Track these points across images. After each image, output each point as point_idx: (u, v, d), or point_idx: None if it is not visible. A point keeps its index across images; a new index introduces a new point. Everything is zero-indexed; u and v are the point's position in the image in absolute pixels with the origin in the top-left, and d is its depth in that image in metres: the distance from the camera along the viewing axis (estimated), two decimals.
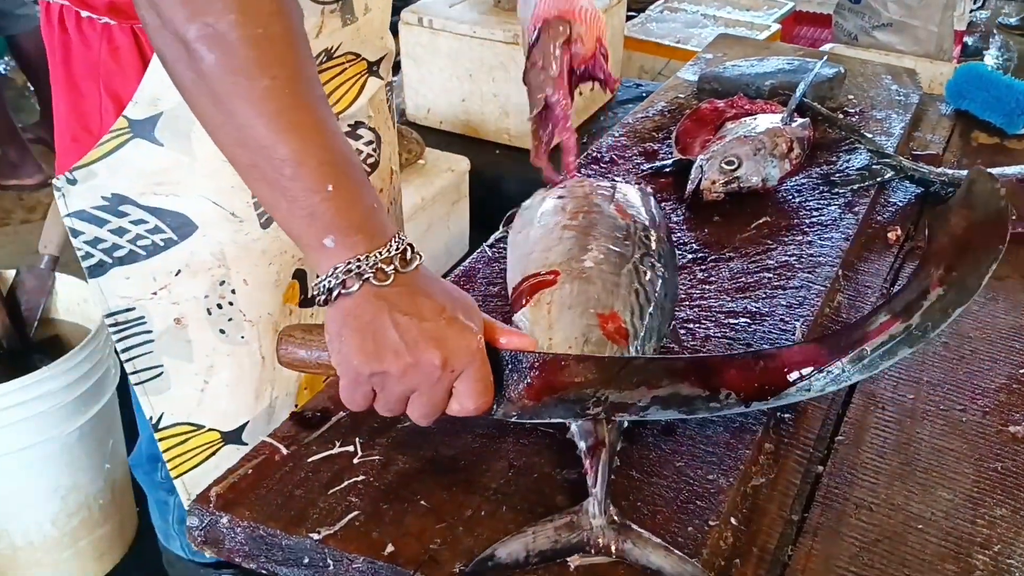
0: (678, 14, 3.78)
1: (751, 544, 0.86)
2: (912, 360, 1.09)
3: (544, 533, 0.81)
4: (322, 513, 0.85)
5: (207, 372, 1.17)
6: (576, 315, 0.92)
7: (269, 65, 0.76)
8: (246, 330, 1.15)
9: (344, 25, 1.08)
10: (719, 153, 1.32)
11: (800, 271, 1.18)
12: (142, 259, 1.10)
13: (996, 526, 0.88)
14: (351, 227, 0.80)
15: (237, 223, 1.09)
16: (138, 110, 1.03)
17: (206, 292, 1.12)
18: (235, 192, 1.07)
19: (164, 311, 1.13)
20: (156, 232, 1.09)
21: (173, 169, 1.05)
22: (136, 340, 1.15)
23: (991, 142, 1.59)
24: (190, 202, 1.07)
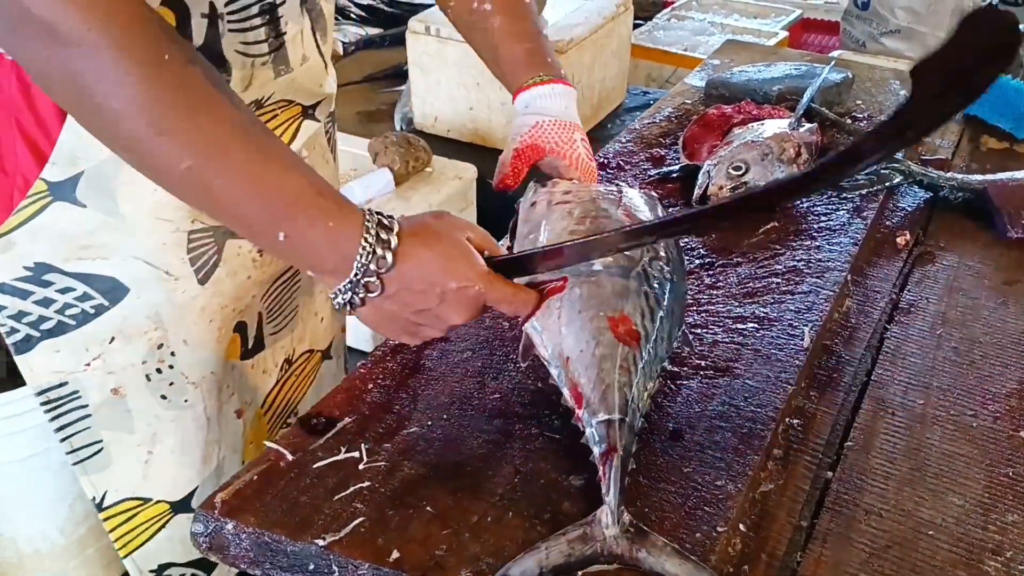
0: (685, 22, 3.78)
1: (760, 550, 0.86)
2: (922, 365, 1.08)
3: (557, 547, 0.80)
4: (327, 519, 0.84)
5: (151, 442, 1.10)
6: (586, 319, 0.92)
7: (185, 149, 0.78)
8: (189, 393, 1.10)
9: (276, 77, 1.03)
10: (726, 158, 1.31)
11: (808, 276, 1.18)
12: (72, 329, 1.02)
13: (1008, 532, 0.87)
14: (321, 264, 0.85)
15: (172, 282, 1.03)
16: (56, 171, 0.95)
17: (143, 358, 1.06)
18: (169, 249, 1.02)
19: (100, 382, 1.05)
20: (85, 299, 1.01)
21: (99, 231, 0.99)
22: (72, 417, 1.07)
23: (1000, 147, 1.58)
24: (120, 264, 1.01)
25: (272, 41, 1.00)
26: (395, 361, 1.04)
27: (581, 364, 0.89)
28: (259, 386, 1.21)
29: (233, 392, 1.16)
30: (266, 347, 1.20)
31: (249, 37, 0.97)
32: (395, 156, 2.41)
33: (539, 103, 1.13)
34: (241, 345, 1.16)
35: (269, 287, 1.16)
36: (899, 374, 1.07)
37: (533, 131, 1.12)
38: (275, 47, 1.01)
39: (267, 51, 1.00)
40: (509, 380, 1.01)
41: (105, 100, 0.75)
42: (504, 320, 1.10)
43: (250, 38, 0.97)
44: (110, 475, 1.11)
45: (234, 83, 0.97)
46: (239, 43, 0.96)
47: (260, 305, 1.16)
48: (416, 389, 1.00)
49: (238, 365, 1.16)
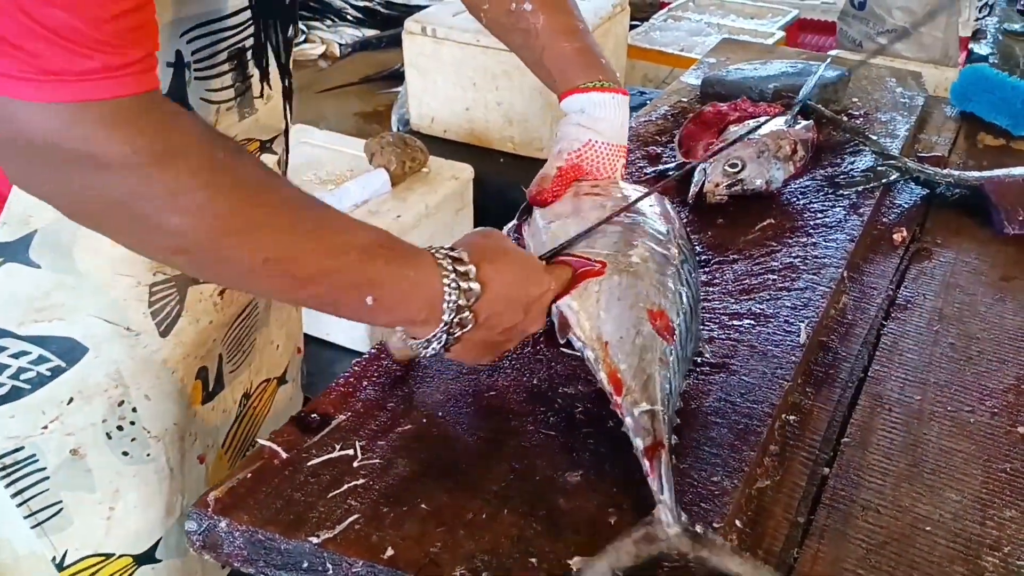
0: (682, 23, 3.78)
1: (756, 547, 0.85)
2: (919, 361, 1.08)
3: (624, 549, 0.79)
4: (321, 517, 0.84)
5: (112, 499, 1.05)
6: (626, 307, 0.91)
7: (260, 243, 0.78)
8: (151, 447, 1.05)
9: (241, 119, 1.01)
10: (722, 156, 1.31)
11: (805, 273, 1.17)
12: (27, 394, 0.96)
13: (1006, 528, 0.87)
14: (413, 316, 0.87)
15: (133, 337, 0.99)
16: (7, 231, 0.90)
17: (103, 416, 1.01)
18: (129, 304, 0.97)
19: (58, 444, 1.00)
20: (41, 362, 0.96)
21: (55, 291, 0.94)
22: (29, 481, 1.01)
23: (997, 143, 1.58)
24: (77, 324, 0.96)
25: (238, 86, 0.98)
26: (390, 359, 1.03)
27: (621, 351, 0.89)
28: (219, 427, 1.17)
29: (196, 439, 1.12)
30: (225, 386, 1.16)
31: (215, 84, 0.95)
32: (391, 156, 2.40)
33: (596, 112, 1.09)
34: (202, 390, 1.12)
35: (229, 328, 1.12)
36: (896, 370, 1.06)
37: (583, 151, 1.09)
38: (241, 91, 0.99)
39: (232, 96, 0.98)
40: (504, 377, 1.00)
41: (164, 218, 0.74)
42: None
43: (215, 84, 0.95)
44: (70, 534, 1.05)
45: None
46: (204, 90, 0.94)
47: (221, 347, 1.12)
48: (411, 386, 1.00)
49: (199, 411, 1.12)
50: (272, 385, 1.28)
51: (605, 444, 0.92)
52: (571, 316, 0.93)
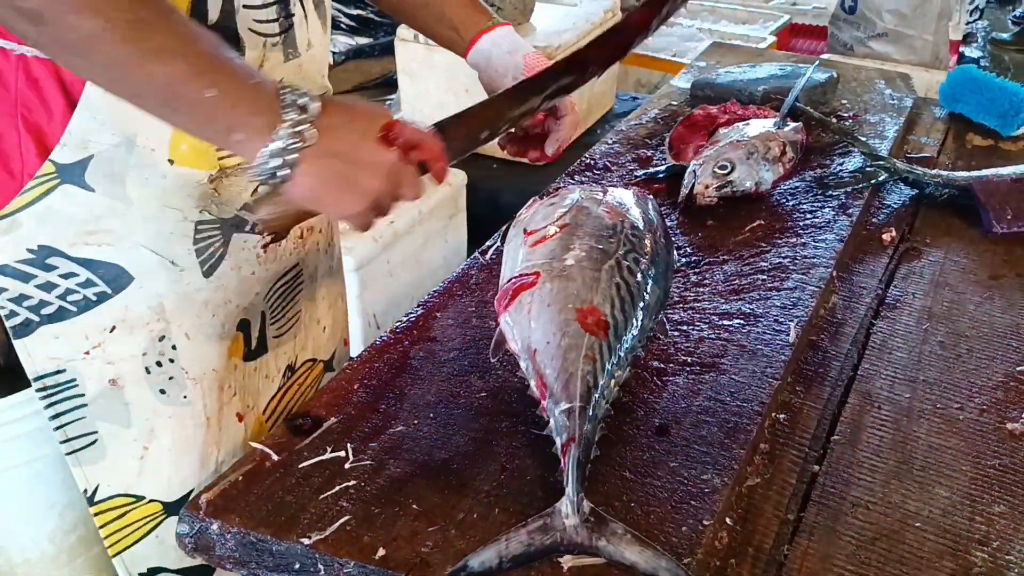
0: (674, 28, 3.79)
1: (747, 544, 0.85)
2: (908, 359, 1.08)
3: (517, 538, 0.80)
4: (313, 518, 0.84)
5: (147, 437, 1.08)
6: (555, 312, 0.93)
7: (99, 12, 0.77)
8: (189, 389, 1.07)
9: (286, 60, 1.03)
10: (712, 158, 1.32)
11: (794, 273, 1.18)
12: (72, 316, 1.00)
13: (994, 523, 0.87)
14: (249, 119, 0.83)
15: (177, 272, 1.02)
16: (66, 153, 0.94)
17: (144, 349, 1.03)
18: (175, 238, 1.00)
19: (98, 372, 1.03)
20: (88, 286, 0.99)
21: (107, 216, 0.97)
22: (67, 405, 1.04)
23: (986, 144, 1.59)
24: (125, 252, 0.99)
25: (283, 21, 1.00)
26: (381, 361, 1.04)
27: (547, 355, 0.90)
28: (261, 390, 1.19)
29: (235, 393, 1.14)
30: (269, 350, 1.18)
31: (262, 15, 0.97)
32: None
33: (511, 40, 1.17)
34: (244, 344, 1.14)
35: (272, 285, 1.15)
36: (885, 369, 1.07)
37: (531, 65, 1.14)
38: (285, 28, 1.01)
39: (278, 31, 1.00)
40: (495, 379, 1.01)
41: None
42: (491, 321, 1.10)
43: (262, 16, 0.97)
44: (103, 468, 1.08)
45: (248, 63, 0.96)
46: (252, 20, 0.97)
47: (263, 304, 1.14)
48: (402, 388, 1.00)
49: (240, 366, 1.14)
50: (318, 368, 1.29)
51: (597, 443, 0.92)
52: (507, 331, 0.95)
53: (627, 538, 0.80)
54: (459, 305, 1.13)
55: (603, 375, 0.89)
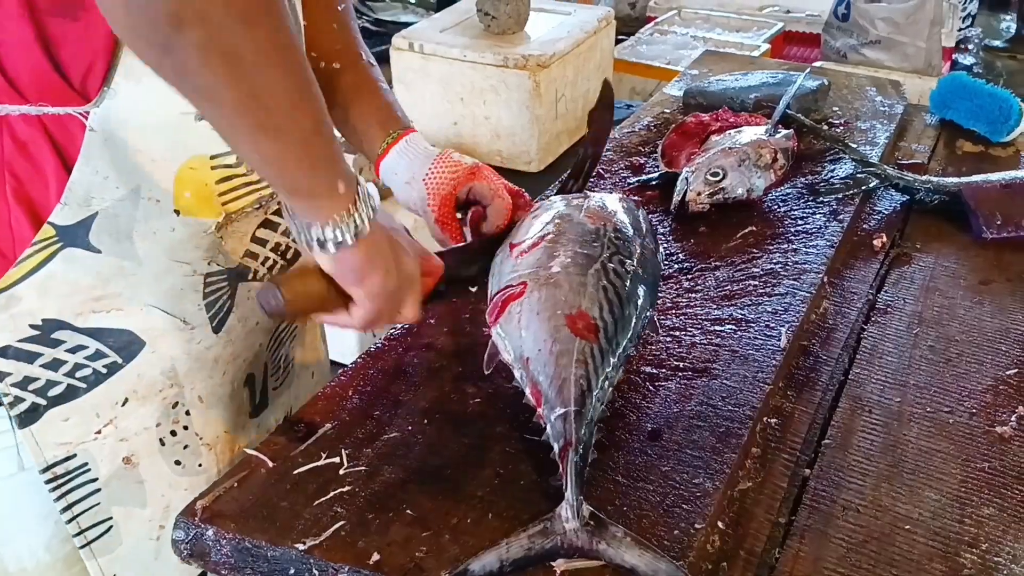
0: (668, 36, 3.81)
1: (738, 547, 0.86)
2: (899, 364, 1.09)
3: (518, 543, 0.81)
4: (307, 524, 0.85)
5: (163, 516, 1.03)
6: (544, 319, 0.93)
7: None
8: (203, 456, 1.04)
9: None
10: (704, 165, 1.33)
11: (786, 278, 1.19)
12: (83, 393, 0.95)
13: (984, 525, 0.88)
14: (347, 172, 0.83)
15: (189, 331, 0.99)
16: (67, 213, 0.88)
17: (158, 419, 1.00)
18: (185, 295, 0.97)
19: (111, 451, 0.98)
20: (97, 358, 0.94)
21: (114, 278, 0.92)
22: (80, 493, 0.98)
23: (976, 150, 1.60)
24: (135, 315, 0.95)
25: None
26: (376, 368, 1.05)
27: (540, 363, 0.91)
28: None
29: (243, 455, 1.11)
30: (269, 404, 1.15)
31: None
32: None
33: (407, 163, 1.12)
34: (249, 401, 1.11)
35: (273, 335, 1.13)
36: (876, 373, 1.08)
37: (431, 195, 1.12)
38: None
39: None
40: (489, 385, 1.01)
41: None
42: (484, 328, 1.10)
43: None
44: (119, 556, 1.03)
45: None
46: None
47: (266, 355, 1.12)
48: (397, 395, 1.01)
49: (249, 423, 1.11)
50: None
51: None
52: (498, 342, 0.96)
53: (627, 541, 0.80)
54: (453, 312, 1.14)
55: (596, 378, 0.89)
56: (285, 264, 1.10)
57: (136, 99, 0.89)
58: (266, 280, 0.96)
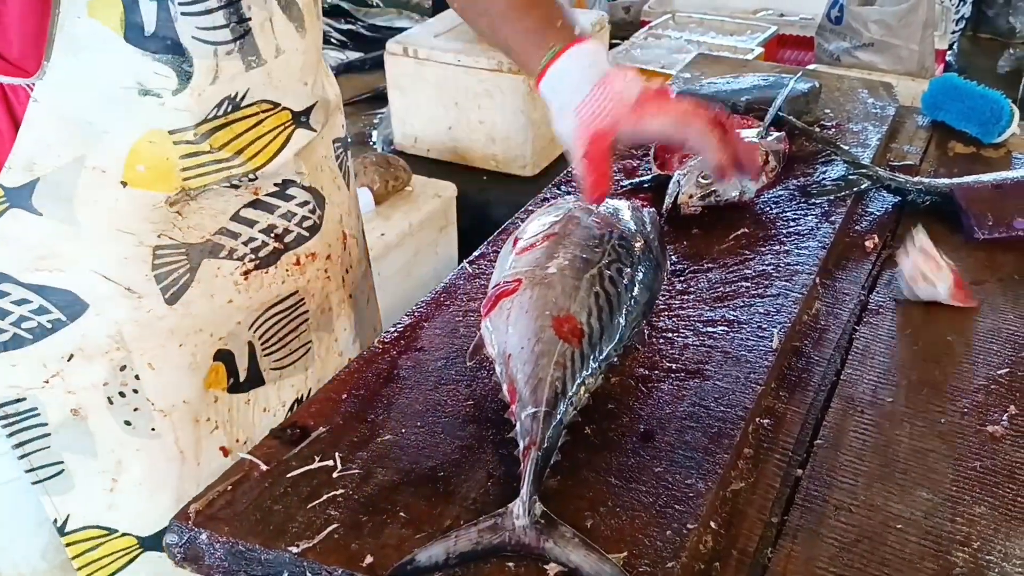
0: (662, 40, 3.82)
1: (731, 547, 0.86)
2: (891, 364, 1.09)
3: (466, 536, 0.82)
4: (301, 527, 0.85)
5: (115, 470, 1.04)
6: (532, 318, 0.94)
7: None
8: (157, 421, 1.03)
9: (248, 68, 0.97)
10: (696, 168, 1.33)
11: (778, 280, 1.19)
12: (28, 344, 0.97)
13: (975, 524, 0.89)
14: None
15: (135, 299, 0.98)
16: (13, 176, 0.92)
17: (105, 379, 1.00)
18: (130, 264, 0.97)
19: (59, 401, 1.00)
20: (42, 313, 0.96)
21: (56, 241, 0.94)
22: (30, 434, 1.01)
23: (967, 151, 1.61)
24: (78, 277, 0.96)
25: (235, 27, 0.94)
26: (370, 371, 1.05)
27: (520, 360, 0.91)
28: (257, 424, 1.14)
29: (216, 426, 1.10)
30: (266, 382, 1.14)
31: (206, 22, 0.92)
32: (374, 176, 2.43)
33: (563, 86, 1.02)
34: (228, 376, 1.09)
35: (260, 315, 1.10)
36: (868, 373, 1.08)
37: (582, 128, 1.01)
38: (239, 34, 0.95)
39: (231, 38, 0.94)
40: (482, 387, 1.02)
41: None
42: (476, 329, 1.11)
43: (206, 23, 0.92)
44: (73, 498, 1.05)
45: (199, 75, 0.93)
46: (196, 28, 0.92)
47: (249, 334, 1.10)
48: (390, 398, 1.01)
49: (224, 397, 1.10)
50: None
51: (582, 449, 0.93)
52: (485, 336, 0.97)
53: (574, 541, 0.81)
54: (446, 315, 1.14)
55: (572, 382, 0.90)
56: (280, 246, 1.09)
57: (76, 73, 0.91)
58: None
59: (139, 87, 0.93)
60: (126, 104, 0.93)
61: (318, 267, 1.15)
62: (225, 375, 1.09)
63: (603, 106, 1.00)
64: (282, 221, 1.08)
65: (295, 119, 1.06)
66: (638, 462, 0.92)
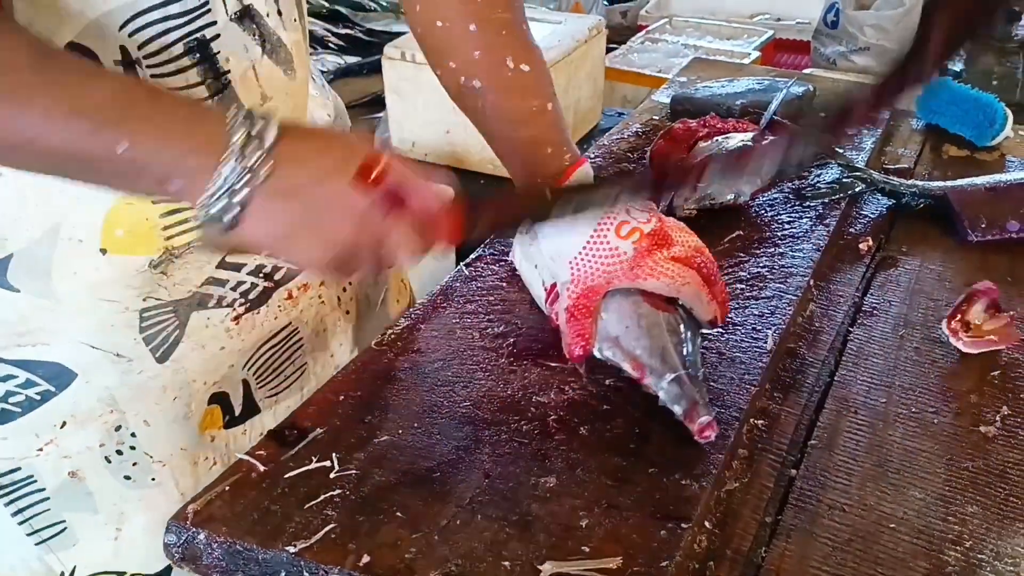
0: (659, 44, 3.83)
1: (725, 547, 0.87)
2: (884, 365, 1.10)
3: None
4: (298, 527, 0.85)
5: (118, 520, 1.01)
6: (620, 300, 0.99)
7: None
8: (156, 472, 1.01)
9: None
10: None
11: (772, 282, 1.20)
12: (18, 416, 0.93)
13: (967, 523, 0.89)
14: (179, 161, 0.70)
15: (125, 363, 0.95)
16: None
17: (100, 440, 0.97)
18: (116, 330, 0.93)
19: (54, 466, 0.96)
20: (29, 386, 0.92)
21: (36, 316, 0.90)
22: (29, 500, 0.98)
23: (961, 154, 1.62)
24: (63, 348, 0.92)
25: (212, 83, 0.89)
26: (367, 373, 1.06)
27: (631, 337, 0.96)
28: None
29: (215, 463, 1.08)
30: (262, 410, 1.12)
31: (179, 81, 0.86)
32: None
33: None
34: (224, 415, 1.07)
35: (253, 353, 1.07)
36: (862, 375, 1.09)
37: (574, 282, 0.97)
38: (217, 89, 0.89)
39: (207, 95, 0.89)
40: (479, 388, 1.02)
41: None
42: (473, 332, 1.12)
43: (180, 82, 0.86)
44: (78, 551, 1.02)
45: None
46: (169, 88, 0.85)
47: (244, 373, 1.07)
48: (387, 399, 1.02)
49: (220, 434, 1.08)
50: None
51: (578, 450, 0.94)
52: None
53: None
54: (442, 317, 1.15)
55: (688, 345, 0.96)
56: (271, 285, 1.05)
57: None
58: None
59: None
60: None
61: (311, 296, 1.12)
62: (220, 415, 1.07)
63: (598, 264, 0.98)
64: (271, 260, 1.02)
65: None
66: (633, 462, 0.92)
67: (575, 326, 0.98)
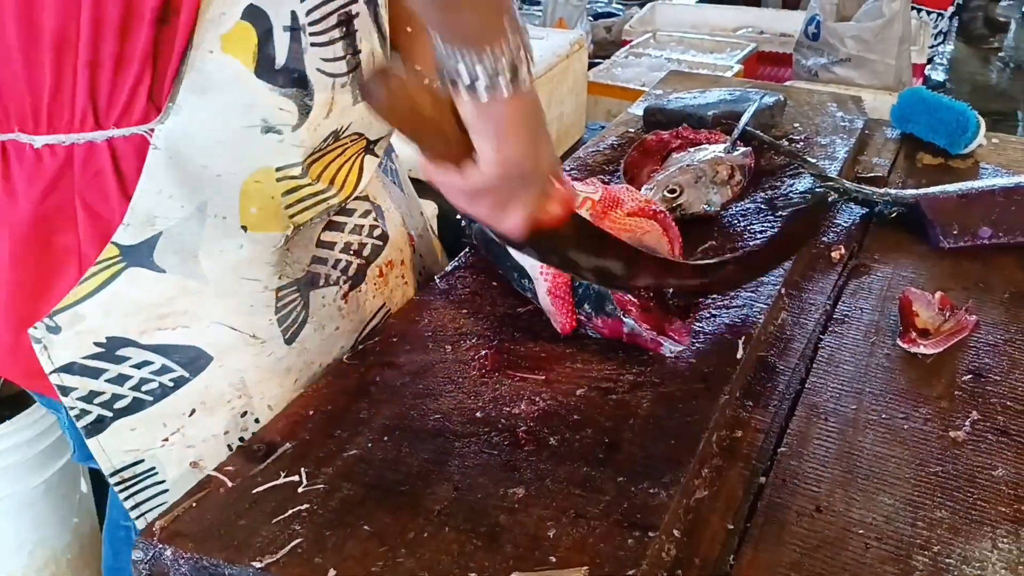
0: (642, 59, 3.86)
1: (693, 555, 0.87)
2: (855, 372, 1.10)
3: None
4: (265, 542, 0.85)
5: None
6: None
7: None
8: None
9: (355, 103, 0.97)
10: (662, 182, 1.35)
11: (743, 290, 1.20)
12: (148, 406, 0.95)
13: (935, 528, 0.89)
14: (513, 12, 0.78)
15: (259, 345, 0.97)
16: (130, 233, 0.88)
17: (225, 427, 0.99)
18: (256, 311, 0.96)
19: (178, 457, 0.98)
20: (164, 372, 0.94)
21: (179, 297, 0.92)
22: (148, 493, 1.00)
23: (935, 162, 1.63)
24: (202, 332, 0.94)
25: (350, 59, 0.94)
26: (337, 387, 1.05)
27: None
28: None
29: None
30: None
31: (328, 53, 0.92)
32: None
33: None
34: None
35: (358, 336, 1.11)
36: (832, 381, 1.09)
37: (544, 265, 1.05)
38: (352, 66, 0.95)
39: (346, 70, 0.94)
40: (449, 401, 1.03)
41: None
42: (446, 345, 1.12)
43: (329, 54, 0.92)
44: None
45: (316, 108, 0.93)
46: (320, 60, 0.91)
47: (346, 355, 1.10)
48: (357, 413, 1.01)
49: None
50: None
51: (547, 460, 0.94)
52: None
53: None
54: (415, 331, 1.15)
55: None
56: (363, 262, 1.08)
57: (201, 113, 0.88)
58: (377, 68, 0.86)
59: (263, 124, 0.90)
60: (242, 143, 0.91)
61: (396, 275, 1.16)
62: None
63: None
64: (355, 236, 1.08)
65: (367, 147, 1.06)
66: (601, 472, 0.92)
67: (559, 304, 1.07)
